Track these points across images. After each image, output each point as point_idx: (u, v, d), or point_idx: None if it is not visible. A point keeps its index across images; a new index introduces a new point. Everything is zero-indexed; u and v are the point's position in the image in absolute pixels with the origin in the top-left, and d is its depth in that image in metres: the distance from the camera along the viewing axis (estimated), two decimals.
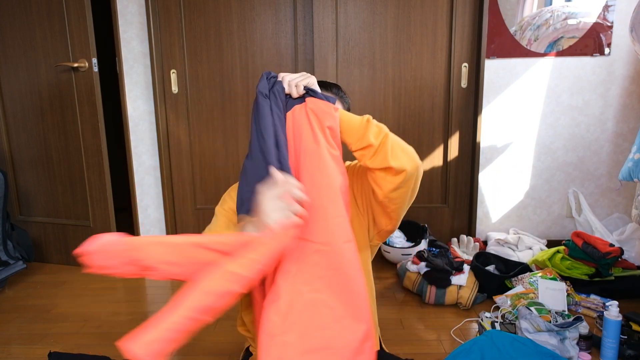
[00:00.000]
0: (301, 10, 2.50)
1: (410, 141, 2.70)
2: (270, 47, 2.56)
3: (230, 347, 1.72)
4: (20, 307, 2.12)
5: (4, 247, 2.35)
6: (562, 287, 1.85)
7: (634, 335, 1.60)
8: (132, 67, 2.57)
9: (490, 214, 2.68)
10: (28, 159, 2.56)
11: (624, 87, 2.50)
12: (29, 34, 2.36)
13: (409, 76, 2.56)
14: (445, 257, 2.14)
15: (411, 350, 1.69)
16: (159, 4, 2.51)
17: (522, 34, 2.46)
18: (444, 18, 2.49)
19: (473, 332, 1.81)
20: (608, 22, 2.42)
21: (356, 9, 2.49)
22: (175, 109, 2.63)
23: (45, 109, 2.45)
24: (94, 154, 2.41)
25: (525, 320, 1.57)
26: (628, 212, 2.59)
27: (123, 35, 2.53)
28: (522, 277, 2.02)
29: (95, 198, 2.46)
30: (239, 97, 2.61)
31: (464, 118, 2.59)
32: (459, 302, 2.00)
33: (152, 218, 2.74)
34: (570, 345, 1.52)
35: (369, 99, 2.58)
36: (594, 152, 2.58)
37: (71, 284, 2.37)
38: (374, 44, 2.53)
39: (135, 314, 2.04)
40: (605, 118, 2.54)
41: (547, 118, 2.56)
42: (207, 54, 2.57)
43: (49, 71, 2.38)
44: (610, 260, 2.00)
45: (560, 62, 2.49)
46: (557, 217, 2.67)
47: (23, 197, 2.63)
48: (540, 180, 2.63)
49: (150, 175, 2.69)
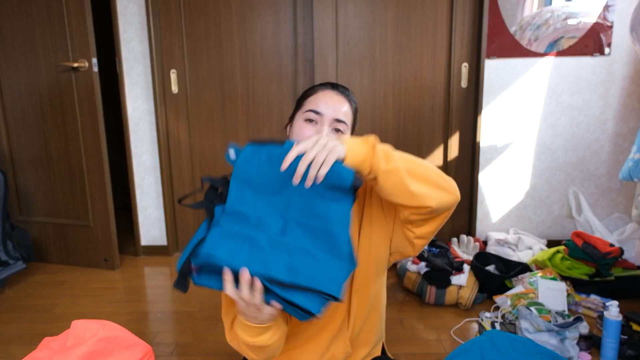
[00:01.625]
0: (301, 10, 2.50)
1: (410, 141, 2.72)
2: (270, 47, 2.56)
3: (230, 347, 1.72)
4: (20, 307, 2.12)
5: (4, 247, 2.35)
6: (562, 287, 1.85)
7: (634, 335, 1.60)
8: (132, 67, 2.57)
9: (490, 214, 2.68)
10: (28, 159, 2.56)
11: (624, 87, 2.50)
12: (29, 34, 2.36)
13: (409, 76, 2.56)
14: (445, 257, 2.14)
15: (411, 350, 1.69)
16: (159, 4, 2.51)
17: (522, 34, 2.45)
18: (444, 18, 2.49)
19: (473, 332, 1.81)
20: (608, 22, 2.42)
21: (356, 9, 2.49)
22: (175, 109, 2.63)
23: (45, 109, 2.45)
24: (94, 154, 2.41)
25: (525, 320, 1.57)
26: (628, 212, 2.59)
27: (123, 35, 2.53)
28: (522, 277, 2.02)
29: (95, 198, 2.46)
30: (239, 97, 2.61)
31: (464, 118, 2.59)
32: (459, 302, 2.00)
33: (152, 218, 2.74)
34: (570, 345, 1.52)
35: (369, 99, 2.58)
36: (594, 152, 2.58)
37: (71, 284, 2.37)
38: (374, 44, 2.53)
39: (135, 314, 2.04)
40: (605, 118, 2.54)
41: (547, 118, 2.56)
42: (207, 54, 2.57)
43: (49, 71, 2.38)
44: (610, 260, 2.00)
45: (560, 62, 2.49)
46: (557, 217, 2.67)
47: (23, 197, 2.63)
48: (540, 180, 2.63)
49: (150, 175, 2.69)
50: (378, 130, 2.61)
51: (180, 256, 0.87)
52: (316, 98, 1.05)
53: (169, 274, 2.51)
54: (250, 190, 0.89)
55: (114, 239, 2.51)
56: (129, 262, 2.68)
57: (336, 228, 0.86)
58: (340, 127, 1.03)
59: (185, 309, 2.06)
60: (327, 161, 0.83)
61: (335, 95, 1.06)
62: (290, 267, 0.82)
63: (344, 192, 0.87)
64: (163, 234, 2.76)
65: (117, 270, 2.54)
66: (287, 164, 0.85)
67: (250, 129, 2.64)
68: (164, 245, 2.76)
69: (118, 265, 2.56)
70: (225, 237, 0.84)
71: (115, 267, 2.54)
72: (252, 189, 0.88)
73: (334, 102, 1.04)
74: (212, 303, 2.10)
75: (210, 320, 1.94)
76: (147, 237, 2.77)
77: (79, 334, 1.36)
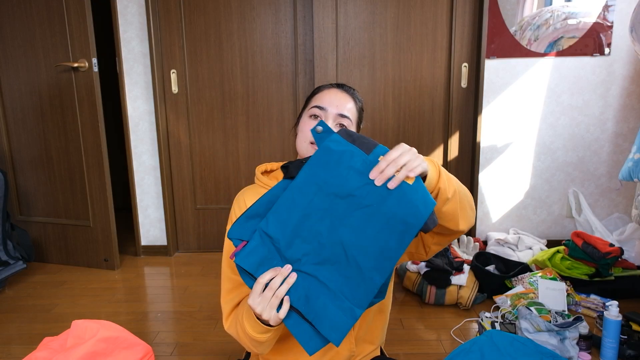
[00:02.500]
0: (301, 10, 2.50)
1: (411, 141, 2.72)
2: (270, 47, 2.56)
3: (230, 347, 1.72)
4: (20, 307, 2.12)
5: (4, 247, 2.35)
6: (562, 287, 1.85)
7: (634, 335, 1.60)
8: (132, 67, 2.57)
9: (490, 214, 2.68)
10: (28, 159, 2.56)
11: (624, 87, 2.50)
12: (29, 34, 2.36)
13: (409, 76, 2.56)
14: (445, 257, 2.14)
15: (411, 350, 1.69)
16: (159, 4, 2.51)
17: (522, 34, 2.45)
18: (444, 18, 2.49)
19: (473, 332, 1.81)
20: (608, 22, 2.42)
21: (356, 9, 2.49)
22: (175, 109, 2.63)
23: (45, 109, 2.45)
24: (94, 154, 2.41)
25: (525, 320, 1.57)
26: (628, 212, 2.59)
27: (123, 35, 2.53)
28: (522, 277, 2.02)
29: (95, 198, 2.46)
30: (239, 97, 2.61)
31: (464, 118, 2.59)
32: (459, 302, 2.00)
33: (152, 218, 2.74)
34: (570, 345, 1.52)
35: (369, 99, 2.58)
36: (594, 152, 2.58)
37: (71, 284, 2.37)
38: (374, 44, 2.53)
39: (135, 314, 2.04)
40: (605, 118, 2.54)
41: (547, 118, 2.56)
42: (207, 54, 2.57)
43: (49, 71, 2.38)
44: (610, 260, 2.00)
45: (560, 62, 2.49)
46: (557, 217, 2.67)
47: (23, 197, 2.63)
48: (540, 180, 2.63)
49: (150, 175, 2.69)
50: (378, 130, 2.61)
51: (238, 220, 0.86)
52: (321, 96, 1.08)
53: (169, 274, 2.51)
54: (315, 186, 0.83)
55: (114, 239, 2.51)
56: (129, 262, 2.68)
57: (374, 277, 0.81)
58: (344, 122, 1.05)
59: (185, 309, 2.06)
60: (415, 169, 0.79)
61: (340, 92, 1.08)
62: (307, 298, 0.81)
63: (406, 232, 0.80)
64: (163, 234, 2.76)
65: (117, 270, 2.54)
66: (378, 173, 0.80)
67: (250, 129, 2.64)
68: (164, 245, 2.76)
69: (118, 265, 2.56)
70: (261, 246, 0.84)
71: (115, 267, 2.54)
72: (318, 185, 0.83)
73: (338, 98, 1.06)
74: (212, 303, 2.10)
75: (210, 320, 1.94)
76: (147, 237, 2.77)
77: (79, 334, 1.36)
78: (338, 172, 0.82)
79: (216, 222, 2.76)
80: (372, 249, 0.81)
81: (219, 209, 2.75)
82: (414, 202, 0.79)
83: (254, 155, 2.67)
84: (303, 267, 0.83)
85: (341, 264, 0.82)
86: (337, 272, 0.82)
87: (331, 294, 0.81)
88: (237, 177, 2.70)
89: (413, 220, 0.79)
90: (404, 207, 0.79)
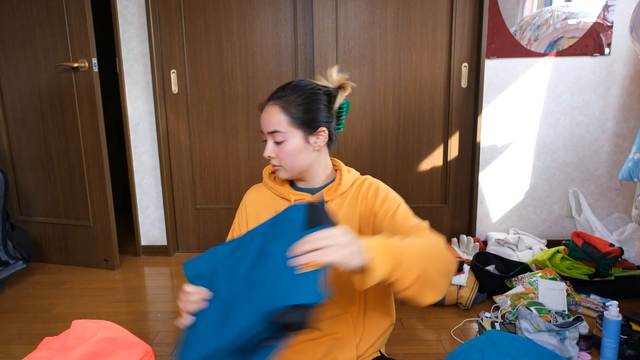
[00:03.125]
0: (301, 10, 2.50)
1: (410, 141, 2.71)
2: (270, 47, 2.56)
3: None
4: (20, 307, 2.12)
5: (4, 247, 2.35)
6: (562, 287, 1.85)
7: (634, 335, 1.60)
8: (132, 67, 2.57)
9: (490, 214, 2.68)
10: (28, 159, 2.56)
11: (624, 87, 2.50)
12: (29, 34, 2.36)
13: (409, 76, 2.56)
14: None
15: (411, 350, 1.69)
16: (159, 4, 2.51)
17: (522, 34, 2.45)
18: (444, 18, 2.49)
19: (473, 332, 1.81)
20: (608, 22, 2.42)
21: (356, 9, 2.49)
22: (175, 109, 2.63)
23: (45, 109, 2.45)
24: (94, 154, 2.41)
25: (525, 320, 1.57)
26: (628, 212, 2.59)
27: (123, 35, 2.53)
28: (522, 277, 2.02)
29: (95, 198, 2.46)
30: (239, 97, 2.61)
31: (464, 118, 2.59)
32: (459, 302, 2.00)
33: (152, 218, 2.75)
34: (570, 345, 1.52)
35: (369, 99, 2.58)
36: (594, 152, 2.58)
37: (71, 284, 2.37)
38: (374, 44, 2.53)
39: (135, 314, 2.04)
40: (605, 118, 2.54)
41: (547, 118, 2.56)
42: (207, 54, 2.57)
43: (49, 71, 2.38)
44: (610, 260, 2.00)
45: (560, 62, 2.49)
46: (557, 217, 2.67)
47: (23, 197, 2.63)
48: (540, 180, 2.63)
49: (150, 175, 2.69)
50: (378, 131, 2.61)
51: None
52: (261, 118, 1.10)
53: (169, 274, 2.51)
54: (260, 234, 0.87)
55: (114, 239, 2.51)
56: (129, 262, 2.68)
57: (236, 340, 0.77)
58: (277, 138, 1.05)
59: None
60: (322, 259, 0.71)
61: (268, 107, 1.07)
62: (258, 304, 0.75)
63: (263, 308, 0.72)
64: (163, 234, 2.76)
65: (117, 270, 2.54)
66: (299, 251, 0.73)
67: (250, 129, 2.64)
68: (164, 245, 2.76)
69: (118, 265, 2.56)
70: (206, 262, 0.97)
71: (115, 267, 2.54)
72: (262, 233, 0.86)
73: (266, 115, 1.07)
74: None
75: None
76: (147, 237, 2.77)
77: (79, 334, 1.36)
78: (282, 232, 0.80)
79: (216, 222, 2.76)
80: (248, 311, 0.77)
81: (219, 209, 2.75)
82: (288, 286, 0.71)
83: (254, 155, 2.67)
84: (212, 302, 0.88)
85: (230, 315, 0.81)
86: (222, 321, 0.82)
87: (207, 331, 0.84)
88: (237, 177, 2.70)
89: (273, 301, 0.71)
90: (278, 285, 0.73)
